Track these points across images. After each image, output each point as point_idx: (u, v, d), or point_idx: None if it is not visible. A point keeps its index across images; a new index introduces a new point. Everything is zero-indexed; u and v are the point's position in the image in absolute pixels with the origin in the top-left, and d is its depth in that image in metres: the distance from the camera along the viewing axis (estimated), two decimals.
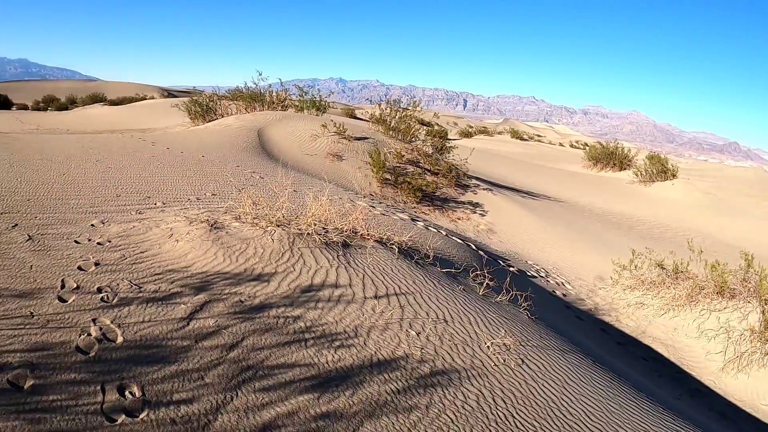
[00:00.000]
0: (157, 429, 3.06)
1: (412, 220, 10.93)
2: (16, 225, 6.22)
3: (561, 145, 59.94)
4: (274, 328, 4.44)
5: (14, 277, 4.66)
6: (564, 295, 10.31)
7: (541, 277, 11.01)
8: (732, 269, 9.76)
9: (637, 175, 26.05)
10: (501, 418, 3.86)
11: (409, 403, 3.81)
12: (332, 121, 17.48)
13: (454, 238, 10.47)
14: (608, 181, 27.13)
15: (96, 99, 55.45)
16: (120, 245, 5.89)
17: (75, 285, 4.67)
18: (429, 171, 16.15)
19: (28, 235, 5.88)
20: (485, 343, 4.88)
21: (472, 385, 4.20)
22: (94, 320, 4.10)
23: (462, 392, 4.06)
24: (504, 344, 4.91)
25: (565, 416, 4.06)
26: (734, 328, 8.73)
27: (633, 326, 9.66)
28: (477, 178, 18.01)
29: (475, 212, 15.04)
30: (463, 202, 15.51)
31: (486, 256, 10.00)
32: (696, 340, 9.15)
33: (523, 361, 4.72)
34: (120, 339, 3.90)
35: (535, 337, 5.37)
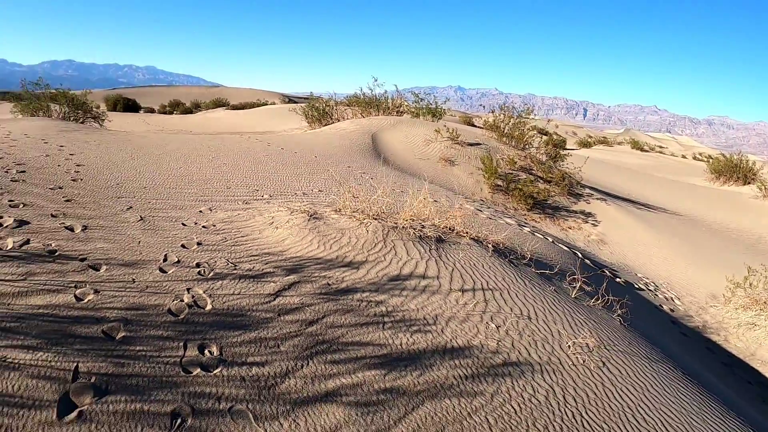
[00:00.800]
0: (227, 384, 3.37)
1: (519, 225, 10.89)
2: (131, 207, 7.21)
3: (683, 157, 57.41)
4: (356, 309, 4.67)
5: (123, 250, 5.36)
6: (671, 310, 9.91)
7: (650, 290, 10.62)
8: None
9: (761, 189, 24.74)
10: (568, 416, 3.81)
11: (475, 389, 3.85)
12: (445, 126, 17.72)
13: (559, 245, 10.36)
14: (730, 195, 25.70)
15: (219, 104, 58.30)
16: (223, 229, 6.58)
17: (176, 259, 5.29)
18: (541, 179, 15.97)
19: (141, 216, 6.80)
20: (566, 342, 4.81)
21: (544, 380, 4.16)
22: (188, 289, 4.58)
23: (532, 386, 4.04)
24: (586, 345, 4.82)
25: (638, 422, 3.95)
26: None
27: (742, 347, 9.13)
28: (591, 188, 17.60)
29: (587, 222, 14.75)
30: (575, 211, 15.24)
31: (592, 265, 9.96)
32: None
33: (604, 363, 4.60)
34: (209, 306, 4.33)
35: (623, 343, 5.22)
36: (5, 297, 3.87)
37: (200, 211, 7.54)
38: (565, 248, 9.96)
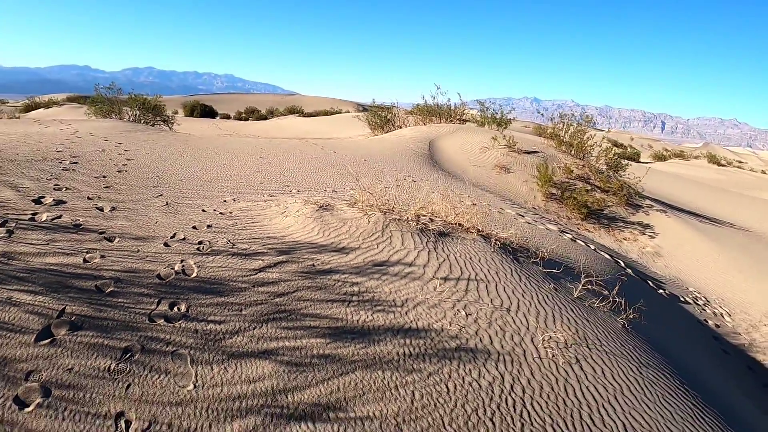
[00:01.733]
0: (180, 334, 3.86)
1: (562, 232, 10.86)
2: (161, 195, 7.94)
3: (763, 172, 55.14)
4: (328, 287, 4.93)
5: (140, 227, 6.11)
6: (717, 326, 9.62)
7: (698, 304, 10.36)
8: None
9: None
10: (507, 403, 3.77)
11: (414, 367, 3.95)
12: (502, 134, 17.71)
13: (602, 253, 10.31)
14: None
15: (292, 111, 59.57)
16: (237, 216, 7.13)
17: (183, 237, 5.92)
18: (599, 188, 15.67)
19: (166, 202, 7.51)
20: (541, 336, 4.70)
21: (497, 368, 4.12)
22: (182, 260, 5.14)
23: (479, 371, 4.04)
24: (562, 340, 4.69)
25: (593, 421, 3.82)
26: None
27: None
28: (652, 199, 17.12)
29: (644, 233, 14.36)
30: (633, 222, 14.83)
31: (633, 275, 9.83)
32: None
33: (578, 360, 4.46)
34: (194, 275, 4.84)
35: (613, 345, 5.00)
36: (26, 256, 4.60)
37: (224, 201, 8.11)
38: (607, 256, 9.87)
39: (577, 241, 10.23)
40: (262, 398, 3.39)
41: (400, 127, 21.45)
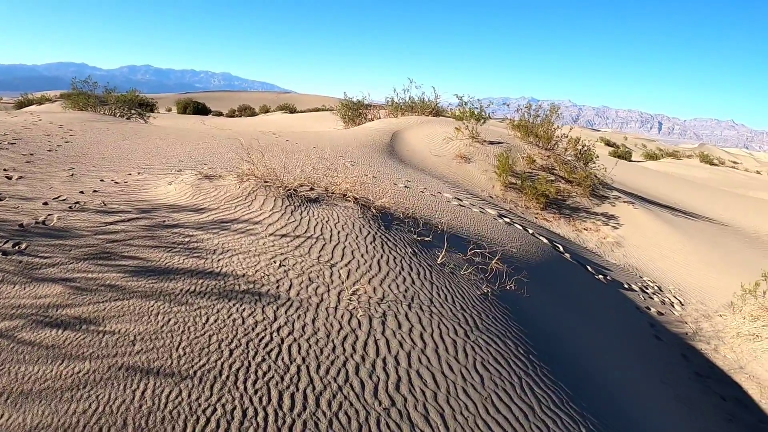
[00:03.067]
0: (8, 263, 4.32)
1: (500, 216, 10.55)
2: (73, 169, 8.23)
3: (758, 173, 54.99)
4: (161, 238, 5.13)
5: (33, 191, 6.45)
6: (661, 313, 9.28)
7: (645, 292, 10.05)
8: None
9: None
10: (259, 340, 3.76)
11: (189, 300, 4.09)
12: (465, 124, 17.41)
13: (540, 237, 10.13)
14: None
15: (285, 108, 59.38)
16: (129, 184, 7.33)
17: (64, 198, 6.22)
18: (563, 178, 15.36)
19: (72, 174, 7.80)
20: (352, 290, 4.56)
21: (275, 312, 4.09)
22: (49, 215, 5.51)
23: (252, 311, 4.05)
24: (378, 296, 4.51)
25: (356, 371, 3.62)
26: None
27: (732, 359, 8.29)
28: (621, 191, 16.86)
29: (607, 224, 14.06)
30: (597, 213, 14.56)
31: (570, 260, 9.68)
32: None
33: (384, 316, 4.24)
34: (51, 225, 5.24)
35: (451, 308, 4.62)
36: None
37: (129, 174, 8.17)
38: (545, 241, 9.64)
39: (514, 225, 9.96)
40: (36, 309, 3.80)
41: (372, 120, 21.20)
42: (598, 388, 4.74)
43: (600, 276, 9.57)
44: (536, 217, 13.27)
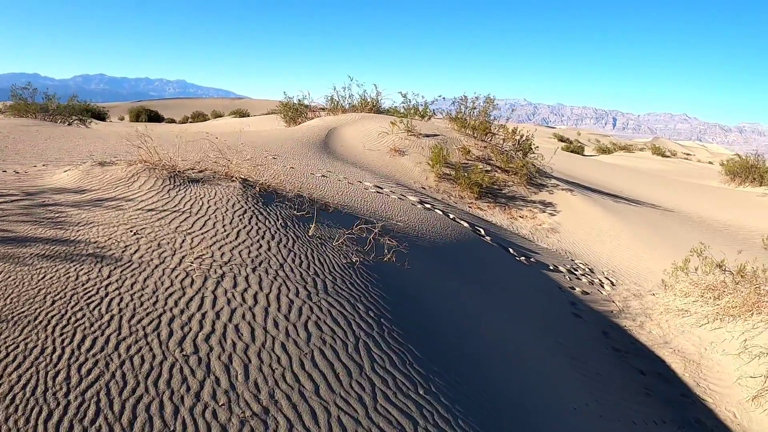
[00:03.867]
0: None
1: (421, 202, 10.30)
2: None
3: (710, 163, 56.08)
4: (35, 214, 5.21)
5: None
6: (586, 293, 9.05)
7: (574, 274, 9.84)
8: None
9: (765, 184, 23.71)
10: (83, 293, 3.78)
11: (29, 262, 4.16)
12: (401, 118, 17.23)
13: (461, 222, 9.97)
14: (738, 194, 24.73)
15: (237, 113, 59.00)
16: (29, 174, 7.30)
17: None
18: (499, 168, 15.20)
19: None
20: (197, 254, 4.50)
21: (110, 270, 4.10)
22: None
23: (87, 270, 4.09)
24: (223, 260, 4.40)
25: (171, 320, 3.57)
26: None
27: (657, 335, 8.04)
28: (561, 180, 16.81)
29: (544, 211, 13.97)
30: (534, 201, 14.45)
31: (492, 243, 9.55)
32: (733, 358, 7.18)
33: (222, 276, 4.13)
34: None
35: (301, 274, 4.42)
36: None
37: (34, 166, 8.21)
38: (466, 225, 9.50)
39: (434, 210, 9.73)
40: None
41: (312, 119, 20.90)
42: (465, 357, 4.45)
43: (522, 258, 9.32)
44: (470, 207, 13.07)
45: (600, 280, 10.00)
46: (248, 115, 58.91)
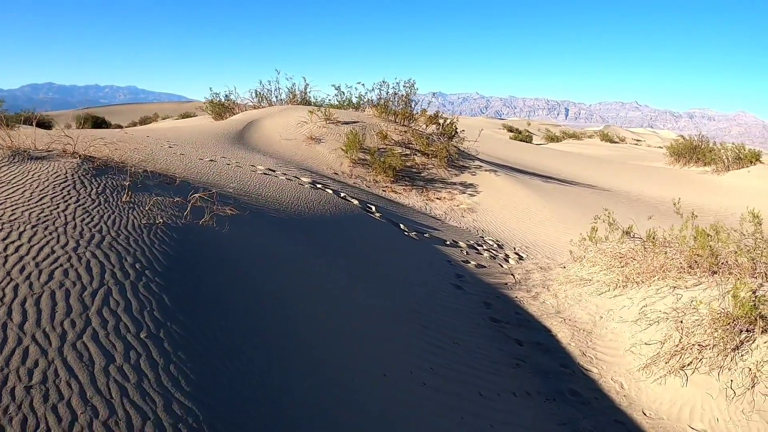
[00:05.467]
0: None
1: (313, 183, 9.92)
2: None
3: (660, 148, 56.95)
4: None
5: None
6: (482, 266, 8.65)
7: (475, 249, 9.49)
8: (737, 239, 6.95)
9: (708, 164, 23.92)
10: None
11: None
12: (319, 108, 16.94)
13: (352, 200, 9.65)
14: (680, 173, 24.85)
15: (184, 116, 58.28)
16: None
17: None
18: (419, 152, 14.91)
19: None
20: None
21: None
22: None
23: None
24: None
25: None
26: (697, 311, 6.09)
27: (550, 305, 7.59)
28: (485, 162, 16.57)
29: (464, 192, 13.69)
30: (454, 183, 14.23)
31: (384, 220, 9.27)
32: (630, 325, 6.66)
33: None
34: None
35: (81, 230, 3.99)
36: None
37: None
38: (356, 202, 9.23)
39: (326, 190, 9.33)
40: None
41: (237, 113, 20.46)
42: (264, 319, 4.08)
43: (413, 233, 9.02)
44: (384, 190, 12.70)
45: (506, 255, 9.69)
46: (194, 116, 58.17)
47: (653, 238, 8.12)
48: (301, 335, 4.04)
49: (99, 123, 52.86)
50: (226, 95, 21.08)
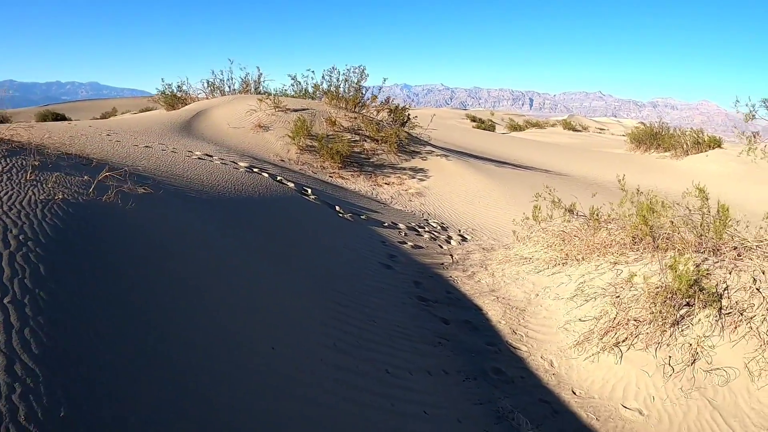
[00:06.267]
0: None
1: (249, 167, 9.73)
2: None
3: (623, 136, 57.82)
4: None
5: None
6: (419, 246, 8.52)
7: (415, 230, 9.38)
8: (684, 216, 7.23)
9: (667, 150, 24.19)
10: None
11: None
12: (269, 96, 16.76)
13: (288, 183, 9.44)
14: (639, 158, 25.04)
15: (145, 110, 57.61)
16: None
17: None
18: (369, 138, 14.81)
19: None
20: None
21: None
22: None
23: None
24: None
25: None
26: (636, 286, 5.87)
27: (486, 284, 7.36)
28: (438, 147, 16.49)
29: (414, 177, 13.58)
30: (404, 168, 14.14)
31: (319, 202, 9.10)
32: (566, 302, 6.45)
33: None
34: None
35: None
36: None
37: None
38: (291, 185, 9.08)
39: (261, 174, 9.14)
40: None
41: (189, 103, 20.19)
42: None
43: (348, 215, 8.84)
44: (331, 176, 12.51)
45: (449, 237, 9.55)
46: (153, 110, 57.48)
47: (596, 214, 7.95)
48: (186, 306, 3.87)
49: (59, 120, 51.95)
50: (179, 86, 20.57)
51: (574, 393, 4.96)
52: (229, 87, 20.32)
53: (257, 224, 6.89)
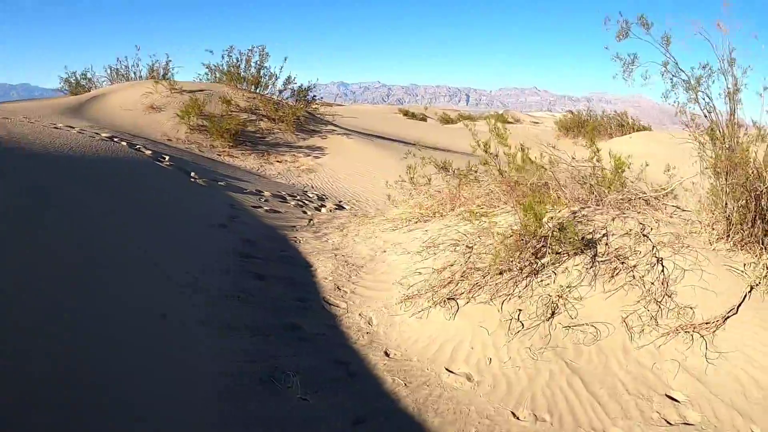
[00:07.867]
0: None
1: (111, 138, 9.34)
2: None
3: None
4: None
5: None
6: (275, 211, 8.31)
7: (282, 198, 9.22)
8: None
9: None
10: None
11: None
12: (165, 78, 16.43)
13: (145, 151, 9.21)
14: (561, 144, 25.52)
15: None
16: None
17: None
18: (267, 117, 14.72)
19: None
20: None
21: None
22: None
23: None
24: None
25: None
26: (495, 236, 5.19)
27: (333, 242, 7.21)
28: (340, 126, 16.73)
29: (309, 155, 13.44)
30: (300, 147, 14.02)
31: (170, 169, 8.86)
32: (411, 256, 6.04)
33: None
34: None
35: None
36: None
37: None
38: (148, 153, 8.85)
39: (121, 143, 8.90)
40: None
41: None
42: None
43: (202, 180, 8.60)
44: (220, 155, 12.31)
45: (321, 205, 9.42)
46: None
47: (473, 168, 7.59)
48: None
49: None
50: (83, 73, 20.00)
51: (387, 354, 4.46)
52: (135, 74, 19.73)
53: (94, 181, 6.64)
